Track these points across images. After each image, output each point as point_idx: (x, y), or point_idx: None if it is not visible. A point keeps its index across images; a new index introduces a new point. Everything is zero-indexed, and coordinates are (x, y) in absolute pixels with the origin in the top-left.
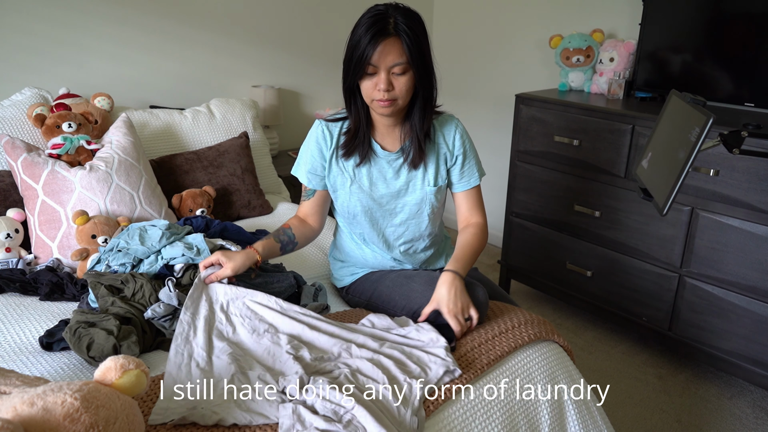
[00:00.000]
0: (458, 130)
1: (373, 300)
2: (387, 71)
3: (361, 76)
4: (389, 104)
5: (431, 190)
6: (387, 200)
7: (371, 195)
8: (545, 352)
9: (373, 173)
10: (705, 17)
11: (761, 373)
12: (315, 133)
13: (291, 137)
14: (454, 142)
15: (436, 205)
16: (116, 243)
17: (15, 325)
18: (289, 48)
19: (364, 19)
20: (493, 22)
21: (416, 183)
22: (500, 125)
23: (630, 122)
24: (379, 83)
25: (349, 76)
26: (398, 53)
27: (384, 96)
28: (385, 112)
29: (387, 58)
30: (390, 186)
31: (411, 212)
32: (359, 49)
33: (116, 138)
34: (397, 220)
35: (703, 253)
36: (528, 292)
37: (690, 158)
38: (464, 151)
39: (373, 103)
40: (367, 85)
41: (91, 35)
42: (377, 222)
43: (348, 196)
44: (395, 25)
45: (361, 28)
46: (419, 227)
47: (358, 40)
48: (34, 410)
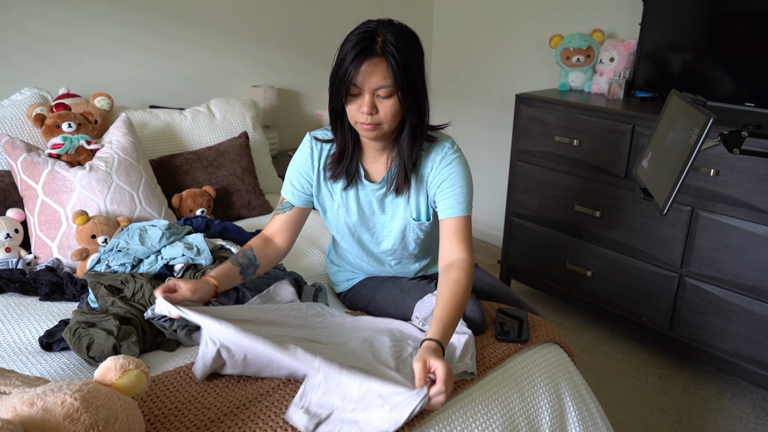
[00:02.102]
0: (449, 156)
1: (370, 310)
2: (371, 93)
3: (345, 96)
4: (373, 128)
5: (414, 224)
6: (372, 225)
7: (359, 219)
8: (546, 354)
9: (361, 198)
10: (705, 17)
11: (761, 373)
12: (305, 149)
13: (291, 137)
14: (441, 167)
15: (421, 236)
16: (116, 243)
17: (15, 325)
18: (289, 48)
19: (352, 35)
20: (493, 22)
21: (398, 212)
22: (500, 125)
23: (630, 122)
24: (363, 105)
25: (333, 96)
26: (383, 75)
27: (367, 119)
28: (370, 136)
29: (371, 80)
30: (375, 213)
31: (396, 239)
32: (343, 67)
33: (116, 138)
34: (384, 245)
35: (704, 253)
36: (528, 292)
37: (690, 158)
38: (450, 178)
39: (357, 125)
40: (351, 107)
41: (91, 35)
42: (364, 244)
43: (335, 218)
44: (383, 45)
45: (347, 45)
46: (406, 249)
47: (343, 58)
48: (34, 410)
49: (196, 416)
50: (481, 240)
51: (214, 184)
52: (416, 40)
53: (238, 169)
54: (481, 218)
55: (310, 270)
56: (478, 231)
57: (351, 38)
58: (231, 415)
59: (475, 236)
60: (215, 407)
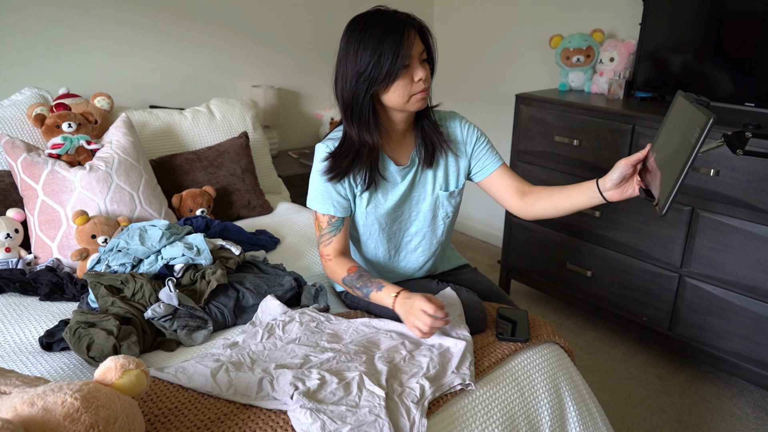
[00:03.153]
0: (465, 121)
1: (371, 309)
2: (419, 59)
3: (395, 76)
4: (426, 93)
5: (443, 195)
6: (401, 213)
7: (389, 210)
8: (546, 354)
9: (389, 187)
10: (705, 17)
11: (761, 373)
12: (321, 158)
13: (291, 137)
14: (466, 131)
15: (450, 213)
16: (116, 243)
17: (15, 325)
18: (289, 48)
19: (373, 21)
20: (493, 22)
21: (426, 189)
22: (500, 125)
23: (630, 122)
24: (418, 72)
25: (375, 84)
26: (419, 41)
27: (424, 85)
28: (423, 104)
29: (416, 47)
30: (403, 195)
31: (426, 220)
32: (389, 47)
33: (116, 138)
34: (413, 228)
35: (704, 253)
36: (528, 292)
37: (690, 158)
38: (480, 134)
39: (411, 99)
40: (400, 84)
41: (91, 35)
42: (394, 236)
43: (364, 217)
44: (405, 18)
45: (376, 30)
46: (435, 235)
47: (378, 40)
48: (34, 410)
49: (196, 416)
50: (481, 240)
51: (214, 184)
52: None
53: (238, 169)
54: (481, 218)
55: (310, 270)
56: (478, 231)
57: (373, 23)
58: (231, 415)
59: (475, 236)
60: (215, 407)
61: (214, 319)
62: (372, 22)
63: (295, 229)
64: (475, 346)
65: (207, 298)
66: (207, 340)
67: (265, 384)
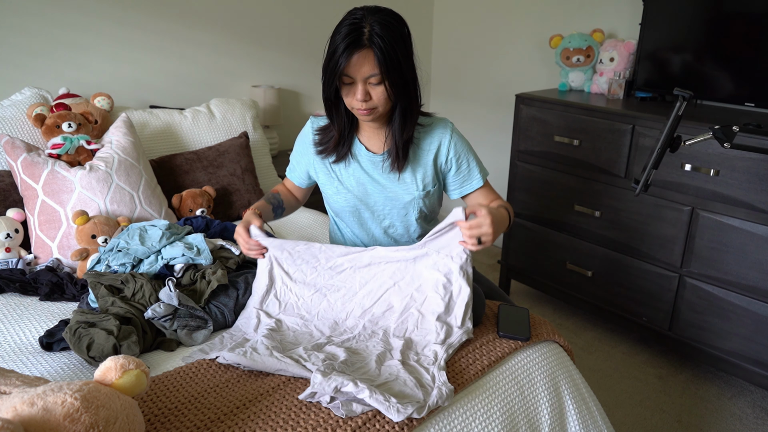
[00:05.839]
0: (448, 135)
1: None
2: (363, 82)
3: (339, 84)
4: (369, 113)
5: (419, 194)
6: (373, 202)
7: (357, 195)
8: (545, 353)
9: (359, 174)
10: (705, 17)
11: (761, 373)
12: (306, 129)
13: (291, 137)
14: (446, 148)
15: (425, 209)
16: (116, 243)
17: (15, 325)
18: (289, 48)
19: (341, 27)
20: (493, 22)
21: (403, 186)
22: (500, 125)
23: (630, 122)
24: (357, 93)
25: (326, 86)
26: (372, 65)
27: (362, 106)
28: (366, 119)
29: (361, 70)
30: (376, 187)
31: (399, 215)
32: (334, 59)
33: (116, 138)
34: (385, 222)
35: (704, 253)
36: (528, 292)
37: (663, 135)
38: (458, 155)
39: (354, 110)
40: (345, 93)
41: (91, 35)
42: (365, 223)
43: (335, 195)
44: (370, 36)
45: (337, 37)
46: (407, 230)
47: (333, 50)
48: (35, 410)
49: (196, 416)
50: None
51: (214, 184)
52: (402, 26)
53: (238, 169)
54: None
55: None
56: None
57: (340, 30)
58: (231, 415)
59: None
60: (215, 407)
61: (214, 319)
62: (341, 27)
63: (296, 229)
64: (476, 342)
65: (207, 298)
66: (207, 339)
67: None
